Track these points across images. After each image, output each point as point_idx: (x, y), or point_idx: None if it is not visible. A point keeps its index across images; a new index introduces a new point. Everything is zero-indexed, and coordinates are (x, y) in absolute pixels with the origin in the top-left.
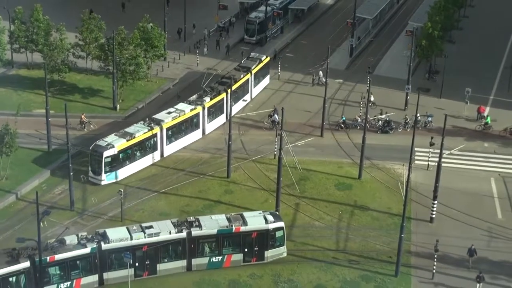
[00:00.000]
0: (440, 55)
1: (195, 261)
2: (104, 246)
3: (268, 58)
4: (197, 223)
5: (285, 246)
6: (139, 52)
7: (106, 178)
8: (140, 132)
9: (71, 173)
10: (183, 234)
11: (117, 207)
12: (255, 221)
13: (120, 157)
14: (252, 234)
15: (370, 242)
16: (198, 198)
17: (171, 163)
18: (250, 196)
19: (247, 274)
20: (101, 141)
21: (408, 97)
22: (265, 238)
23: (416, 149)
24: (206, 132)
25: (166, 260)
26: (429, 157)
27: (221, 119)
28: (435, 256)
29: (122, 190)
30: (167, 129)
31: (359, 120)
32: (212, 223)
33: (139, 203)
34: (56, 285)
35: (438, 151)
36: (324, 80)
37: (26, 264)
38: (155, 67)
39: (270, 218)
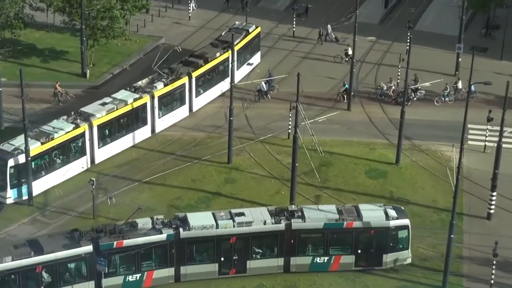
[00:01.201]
0: (501, 4)
1: (294, 261)
2: (183, 233)
3: (259, 29)
4: (299, 213)
5: (409, 250)
6: (114, 3)
7: (13, 195)
8: (61, 131)
9: (29, 158)
10: (281, 226)
11: (88, 200)
12: (373, 215)
13: (33, 166)
14: (368, 231)
15: (411, 244)
16: (192, 189)
17: (156, 144)
18: (257, 187)
19: (254, 286)
20: (5, 144)
21: (460, 59)
22: (385, 238)
23: (469, 126)
24: (158, 130)
25: (258, 257)
26: (486, 137)
27: (181, 113)
28: (494, 262)
29: (94, 180)
30: (99, 127)
31: (385, 88)
32: (318, 215)
33: (116, 196)
34: (123, 276)
35: (498, 128)
36: (333, 36)
37: (88, 248)
38: (135, 22)
39: (392, 213)
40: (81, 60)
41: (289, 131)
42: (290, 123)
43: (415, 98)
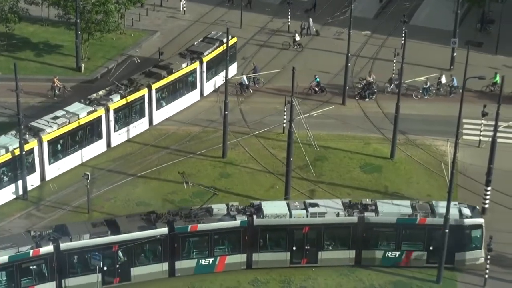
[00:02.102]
0: None
1: (365, 254)
2: (256, 220)
3: (235, 40)
4: (373, 207)
5: (482, 250)
6: None
7: None
8: (7, 147)
9: (23, 152)
10: (354, 219)
11: (82, 195)
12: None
13: None
14: (442, 228)
15: None
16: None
17: (151, 139)
18: (252, 181)
19: (249, 280)
20: None
21: (455, 54)
22: (458, 236)
23: (464, 120)
24: (114, 144)
25: (330, 248)
26: (481, 131)
27: (140, 126)
28: (488, 257)
29: (89, 174)
30: (50, 143)
31: (372, 80)
32: (391, 209)
33: (110, 190)
34: (196, 260)
35: (493, 123)
36: (314, 29)
37: (164, 230)
38: (130, 16)
39: (466, 211)
40: (75, 54)
41: (284, 125)
42: (285, 117)
43: (417, 96)
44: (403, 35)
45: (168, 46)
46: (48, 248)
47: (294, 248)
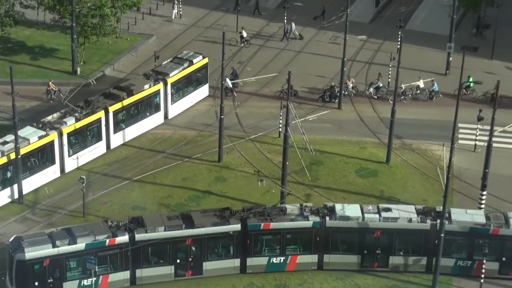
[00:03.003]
0: (492, 3)
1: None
2: (328, 222)
3: (206, 60)
4: (446, 215)
5: None
6: (105, 1)
7: None
8: None
9: (19, 156)
10: (426, 225)
11: (78, 199)
12: None
13: None
14: None
15: None
16: (182, 188)
17: (147, 143)
18: (248, 185)
19: (244, 284)
20: None
21: (451, 58)
22: None
23: (460, 125)
24: (68, 169)
25: (401, 253)
26: (476, 136)
27: (97, 150)
28: (484, 261)
29: (84, 178)
30: None
31: (351, 86)
32: (465, 218)
33: (106, 194)
34: (267, 258)
35: (488, 127)
36: (297, 33)
37: (237, 226)
38: (126, 20)
39: None
40: (71, 57)
41: (280, 129)
42: (280, 121)
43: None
44: (399, 39)
45: (164, 50)
46: (123, 238)
47: (365, 251)
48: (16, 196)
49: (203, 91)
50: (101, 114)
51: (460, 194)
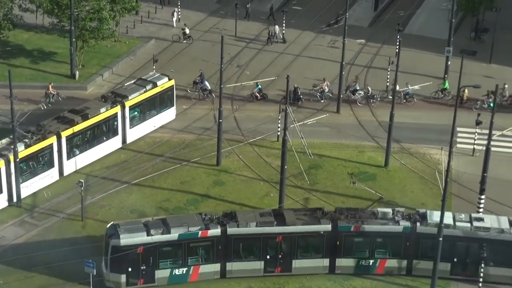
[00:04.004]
0: (491, 7)
1: None
2: (419, 228)
3: (171, 82)
4: None
5: None
6: (103, 4)
7: None
8: None
9: (17, 159)
10: None
11: (76, 202)
12: None
13: None
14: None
15: None
16: (180, 191)
17: (145, 146)
18: (246, 189)
19: None
20: None
21: (449, 63)
22: None
23: (458, 129)
24: (16, 198)
25: (491, 264)
26: (475, 140)
27: (49, 177)
28: (482, 265)
29: (83, 181)
30: None
31: (327, 89)
32: None
33: (104, 198)
34: (357, 259)
35: (487, 131)
36: (281, 36)
37: (327, 226)
38: (125, 23)
39: None
40: (70, 61)
41: (278, 133)
42: (279, 125)
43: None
44: (398, 43)
45: (162, 54)
46: (215, 231)
47: (455, 259)
48: (14, 199)
49: (168, 114)
50: (53, 139)
51: (459, 198)
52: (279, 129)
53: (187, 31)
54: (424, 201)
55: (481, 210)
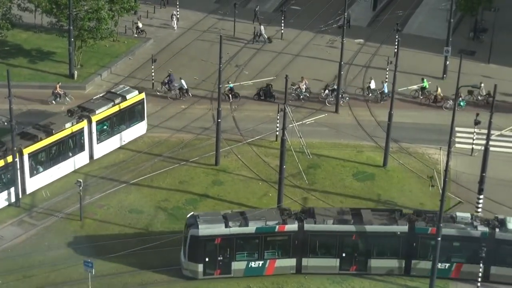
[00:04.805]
0: (489, 7)
1: None
2: (497, 233)
3: (142, 96)
4: None
5: None
6: (102, 4)
7: None
8: None
9: (16, 159)
10: None
11: (75, 202)
12: None
13: None
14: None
15: None
16: (179, 191)
17: (144, 146)
18: (245, 189)
19: None
20: None
21: (448, 62)
22: None
23: (457, 129)
24: None
25: None
26: (473, 140)
27: (9, 196)
28: (481, 265)
29: (81, 181)
30: None
31: (304, 89)
32: None
33: (103, 197)
34: (432, 262)
35: (485, 131)
36: (265, 36)
37: (404, 228)
38: (123, 23)
39: None
40: (68, 61)
41: (277, 133)
42: (278, 125)
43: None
44: (396, 43)
45: (161, 54)
46: (293, 226)
47: None
48: (13, 199)
49: (138, 128)
50: (5, 160)
51: (457, 198)
52: (277, 129)
53: (140, 25)
54: (423, 201)
55: (479, 210)
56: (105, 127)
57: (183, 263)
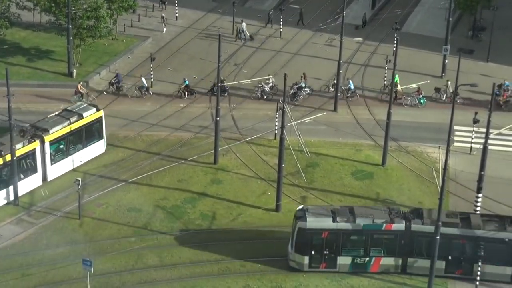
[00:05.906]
0: (488, 6)
1: None
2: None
3: (100, 114)
4: None
5: None
6: (101, 3)
7: None
8: None
9: (15, 158)
10: None
11: (73, 201)
12: None
13: None
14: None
15: None
16: (177, 190)
17: (142, 145)
18: (244, 187)
19: (240, 286)
20: None
21: (446, 61)
22: None
23: (455, 127)
24: None
25: None
26: (472, 138)
27: None
28: (479, 263)
29: (80, 180)
30: None
31: (267, 88)
32: None
33: (101, 196)
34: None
35: (484, 130)
36: (248, 34)
37: (400, 226)
38: (122, 22)
39: None
40: (67, 59)
41: (276, 132)
42: (276, 124)
43: (301, 97)
44: (395, 42)
45: (160, 52)
46: (400, 225)
47: None
48: (12, 198)
49: (96, 148)
50: None
51: (456, 196)
52: (276, 128)
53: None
54: (422, 200)
55: (478, 208)
56: (60, 147)
57: (289, 255)
